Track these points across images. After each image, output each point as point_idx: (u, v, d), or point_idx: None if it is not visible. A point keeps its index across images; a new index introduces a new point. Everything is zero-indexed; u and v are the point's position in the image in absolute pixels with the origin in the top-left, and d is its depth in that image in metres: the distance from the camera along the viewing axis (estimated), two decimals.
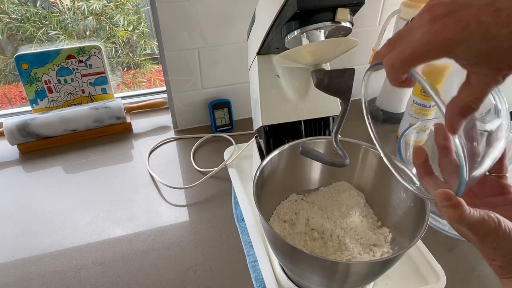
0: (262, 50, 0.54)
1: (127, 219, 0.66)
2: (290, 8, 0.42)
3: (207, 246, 0.61)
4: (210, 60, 0.80)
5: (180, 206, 0.69)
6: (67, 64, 0.85)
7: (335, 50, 0.46)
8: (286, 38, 0.46)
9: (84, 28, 1.33)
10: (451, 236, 0.61)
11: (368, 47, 0.87)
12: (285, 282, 0.52)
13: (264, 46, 0.52)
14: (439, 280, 0.52)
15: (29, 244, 0.62)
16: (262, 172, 0.49)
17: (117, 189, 0.72)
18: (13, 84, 1.51)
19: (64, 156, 0.80)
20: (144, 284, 0.56)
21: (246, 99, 0.88)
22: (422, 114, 0.76)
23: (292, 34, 0.45)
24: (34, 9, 1.28)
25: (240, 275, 0.57)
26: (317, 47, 0.45)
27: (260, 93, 0.55)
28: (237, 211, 0.66)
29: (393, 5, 0.83)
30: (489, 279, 0.57)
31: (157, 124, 0.90)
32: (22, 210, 0.68)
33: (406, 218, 0.49)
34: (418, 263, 0.56)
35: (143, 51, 1.47)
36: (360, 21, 0.85)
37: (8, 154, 0.81)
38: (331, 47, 0.45)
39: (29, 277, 0.57)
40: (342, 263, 0.41)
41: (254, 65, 0.57)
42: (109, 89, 0.91)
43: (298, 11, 0.41)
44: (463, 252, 0.60)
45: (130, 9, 1.38)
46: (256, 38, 0.54)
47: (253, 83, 0.59)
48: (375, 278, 0.47)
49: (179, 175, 0.75)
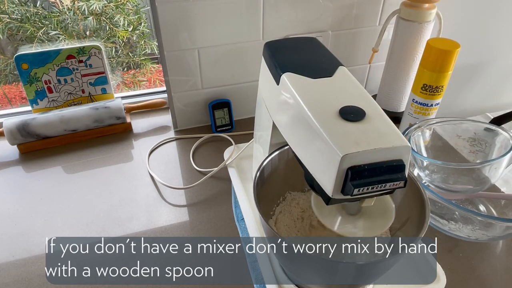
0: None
1: (127, 219, 0.66)
2: (322, 193, 0.40)
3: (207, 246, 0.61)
4: (210, 60, 0.80)
5: (180, 206, 0.69)
6: (67, 64, 0.85)
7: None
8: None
9: (84, 28, 1.33)
10: (451, 236, 0.61)
11: (368, 47, 0.87)
12: (285, 282, 0.52)
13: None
14: (439, 280, 0.52)
15: (29, 244, 0.62)
16: (262, 172, 0.49)
17: (117, 189, 0.72)
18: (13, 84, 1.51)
19: (64, 156, 0.80)
20: (144, 284, 0.56)
21: (246, 99, 0.89)
22: (422, 114, 0.76)
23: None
24: (34, 9, 1.28)
25: (240, 275, 0.57)
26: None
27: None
28: (237, 211, 0.66)
29: (393, 5, 0.83)
30: (489, 279, 0.57)
31: (157, 124, 0.90)
32: (22, 210, 0.68)
33: (406, 218, 0.49)
34: (418, 263, 0.56)
35: (143, 51, 1.47)
36: (360, 21, 0.85)
37: (8, 154, 0.81)
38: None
39: (29, 277, 0.57)
40: (342, 263, 0.41)
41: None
42: (109, 89, 0.91)
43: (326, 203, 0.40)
44: (463, 252, 0.60)
45: (130, 9, 1.38)
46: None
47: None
48: (375, 279, 0.47)
49: (179, 175, 0.75)
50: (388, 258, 0.39)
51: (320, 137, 0.37)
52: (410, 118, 0.78)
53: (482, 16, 0.93)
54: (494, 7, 0.92)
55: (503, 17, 0.95)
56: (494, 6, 0.92)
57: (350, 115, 0.38)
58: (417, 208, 0.46)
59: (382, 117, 0.39)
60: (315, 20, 0.81)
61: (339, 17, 0.82)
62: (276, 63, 0.47)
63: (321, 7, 0.80)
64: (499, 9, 0.93)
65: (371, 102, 0.40)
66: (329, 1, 0.79)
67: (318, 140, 0.37)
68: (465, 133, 0.70)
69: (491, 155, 0.67)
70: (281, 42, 0.52)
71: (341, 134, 0.36)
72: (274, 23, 0.79)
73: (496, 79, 1.08)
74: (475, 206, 0.67)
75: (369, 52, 0.86)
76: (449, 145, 0.72)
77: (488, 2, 0.91)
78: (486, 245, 0.62)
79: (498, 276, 0.57)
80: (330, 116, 0.38)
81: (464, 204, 0.67)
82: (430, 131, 0.71)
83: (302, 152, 0.41)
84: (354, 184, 0.35)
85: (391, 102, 0.90)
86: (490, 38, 0.99)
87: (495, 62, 1.04)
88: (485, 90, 1.10)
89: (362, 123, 0.37)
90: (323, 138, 0.36)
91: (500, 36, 0.99)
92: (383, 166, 0.35)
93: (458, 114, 0.75)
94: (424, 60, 0.72)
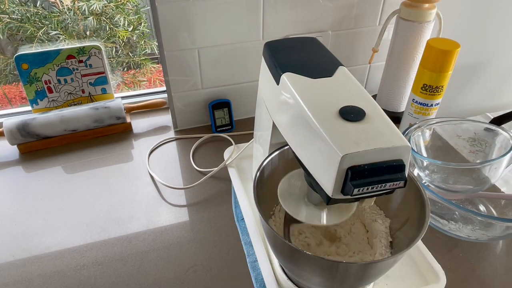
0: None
1: (127, 219, 0.66)
2: (322, 193, 0.40)
3: (207, 246, 0.61)
4: (210, 60, 0.80)
5: (180, 206, 0.69)
6: (67, 64, 0.85)
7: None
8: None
9: (84, 28, 1.34)
10: (451, 236, 0.61)
11: (368, 47, 0.87)
12: (285, 282, 0.52)
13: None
14: (439, 280, 0.52)
15: (29, 244, 0.62)
16: (262, 172, 0.49)
17: (117, 189, 0.72)
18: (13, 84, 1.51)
19: (64, 156, 0.80)
20: (144, 284, 0.56)
21: (246, 99, 0.89)
22: (422, 114, 0.76)
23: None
24: (34, 9, 1.28)
25: (240, 275, 0.57)
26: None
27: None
28: (237, 211, 0.66)
29: (393, 5, 0.83)
30: (489, 279, 0.57)
31: (157, 124, 0.90)
32: (22, 210, 0.68)
33: (406, 218, 0.49)
34: (418, 263, 0.56)
35: (143, 51, 1.47)
36: (360, 21, 0.85)
37: (8, 154, 0.81)
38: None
39: (29, 277, 0.57)
40: (342, 264, 0.40)
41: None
42: (109, 89, 0.91)
43: (327, 203, 0.40)
44: (463, 252, 0.60)
45: (130, 9, 1.38)
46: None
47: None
48: (375, 279, 0.47)
49: (179, 175, 0.75)
50: (388, 258, 0.39)
51: (320, 137, 0.37)
52: (410, 118, 0.78)
53: (482, 16, 0.93)
54: (494, 7, 0.92)
55: (503, 17, 0.95)
56: (494, 6, 0.92)
57: (350, 115, 0.38)
58: (417, 208, 0.46)
59: (382, 117, 0.39)
60: (315, 20, 0.81)
61: (339, 17, 0.82)
62: (276, 63, 0.47)
63: (321, 7, 0.80)
64: (499, 9, 0.93)
65: (371, 102, 0.40)
66: (329, 1, 0.79)
67: (318, 140, 0.37)
68: (465, 133, 0.70)
69: (491, 155, 0.67)
70: (281, 42, 0.52)
71: (341, 134, 0.36)
72: (274, 23, 0.79)
73: (496, 79, 1.08)
74: (475, 206, 0.67)
75: (369, 52, 0.86)
76: (449, 145, 0.72)
77: (488, 2, 0.91)
78: (486, 245, 0.62)
79: (498, 276, 0.57)
80: (330, 116, 0.38)
81: (464, 204, 0.67)
82: (430, 131, 0.71)
83: (302, 152, 0.41)
84: (354, 184, 0.35)
85: (391, 102, 0.90)
86: (490, 38, 0.99)
87: (495, 62, 1.04)
88: (485, 90, 1.10)
89: (362, 123, 0.37)
90: (323, 138, 0.36)
91: (500, 36, 0.99)
92: (383, 166, 0.35)
93: (458, 114, 0.75)
94: (424, 60, 0.72)
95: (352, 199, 0.39)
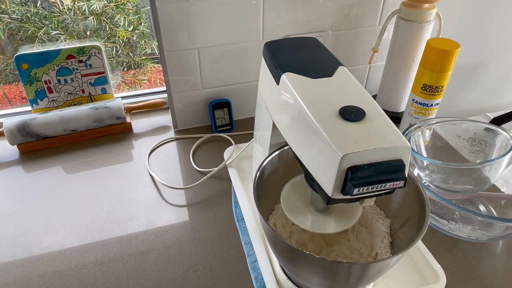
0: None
1: (127, 219, 0.66)
2: (322, 193, 0.40)
3: (207, 246, 0.61)
4: (210, 60, 0.80)
5: (180, 206, 0.69)
6: (67, 64, 0.85)
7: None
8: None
9: (84, 28, 1.34)
10: (451, 236, 0.61)
11: (368, 47, 0.87)
12: (285, 282, 0.52)
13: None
14: (439, 280, 0.52)
15: (29, 244, 0.62)
16: (262, 172, 0.49)
17: (117, 189, 0.72)
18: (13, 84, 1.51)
19: (64, 156, 0.80)
20: (144, 284, 0.56)
21: (246, 99, 0.89)
22: (422, 114, 0.76)
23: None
24: (35, 9, 1.28)
25: (240, 275, 0.57)
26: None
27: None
28: (237, 211, 0.66)
29: (393, 5, 0.83)
30: (489, 279, 0.57)
31: (157, 124, 0.90)
32: (22, 210, 0.68)
33: (406, 218, 0.49)
34: (418, 263, 0.56)
35: (143, 51, 1.47)
36: (360, 21, 0.85)
37: (8, 154, 0.81)
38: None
39: (29, 277, 0.57)
40: (342, 264, 0.40)
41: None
42: (109, 89, 0.91)
43: (327, 203, 0.40)
44: (463, 252, 0.60)
45: (130, 9, 1.38)
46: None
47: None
48: (375, 279, 0.47)
49: (179, 175, 0.75)
50: (388, 258, 0.39)
51: (320, 137, 0.37)
52: (410, 118, 0.78)
53: (482, 16, 0.93)
54: (494, 7, 0.92)
55: (503, 17, 0.95)
56: (494, 6, 0.92)
57: (350, 115, 0.38)
58: (417, 208, 0.46)
59: (382, 117, 0.39)
60: (315, 20, 0.81)
61: (339, 17, 0.82)
62: (276, 63, 0.47)
63: (321, 7, 0.80)
64: (499, 9, 0.93)
65: (371, 102, 0.40)
66: (329, 1, 0.79)
67: (318, 140, 0.37)
68: (465, 133, 0.70)
69: (491, 155, 0.67)
70: (281, 42, 0.52)
71: (341, 134, 0.36)
72: (274, 23, 0.79)
73: (496, 79, 1.08)
74: (475, 206, 0.67)
75: (369, 52, 0.86)
76: (449, 145, 0.72)
77: (488, 2, 0.91)
78: (486, 245, 0.62)
79: (498, 276, 0.57)
80: (330, 116, 0.38)
81: (464, 204, 0.67)
82: (430, 131, 0.71)
83: (302, 152, 0.41)
84: (354, 184, 0.35)
85: (391, 102, 0.90)
86: (490, 38, 0.99)
87: (495, 62, 1.04)
88: (485, 90, 1.10)
89: (362, 123, 0.37)
90: (323, 138, 0.36)
91: (500, 36, 0.99)
92: (383, 166, 0.35)
93: (458, 114, 0.75)
94: (424, 60, 0.72)
95: (352, 199, 0.39)
